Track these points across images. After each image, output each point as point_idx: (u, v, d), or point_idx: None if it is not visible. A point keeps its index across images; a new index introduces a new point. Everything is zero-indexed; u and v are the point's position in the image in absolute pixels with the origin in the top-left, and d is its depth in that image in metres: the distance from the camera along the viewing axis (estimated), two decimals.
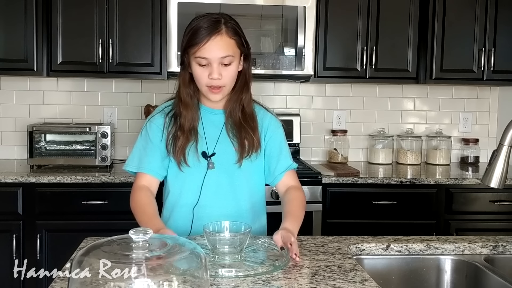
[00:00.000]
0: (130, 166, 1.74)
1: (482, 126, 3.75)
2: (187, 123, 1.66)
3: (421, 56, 3.29)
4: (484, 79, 3.31)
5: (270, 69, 3.06)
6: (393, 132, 3.65)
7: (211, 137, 1.70)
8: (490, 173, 1.42)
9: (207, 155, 1.69)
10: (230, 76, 1.64)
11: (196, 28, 1.60)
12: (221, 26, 1.60)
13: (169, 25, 2.99)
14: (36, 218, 2.82)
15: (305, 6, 3.04)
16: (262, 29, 3.11)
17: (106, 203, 2.83)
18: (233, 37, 1.62)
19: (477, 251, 1.67)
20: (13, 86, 3.40)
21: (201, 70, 1.61)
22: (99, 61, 3.07)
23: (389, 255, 1.64)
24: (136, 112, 3.46)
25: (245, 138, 1.68)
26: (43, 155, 3.08)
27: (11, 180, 2.78)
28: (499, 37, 3.28)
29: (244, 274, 1.32)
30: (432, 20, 3.26)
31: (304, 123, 3.57)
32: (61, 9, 3.03)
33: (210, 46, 1.58)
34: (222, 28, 1.59)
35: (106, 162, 3.06)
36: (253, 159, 1.72)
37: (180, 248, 1.01)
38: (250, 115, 1.71)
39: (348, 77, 3.30)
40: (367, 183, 2.97)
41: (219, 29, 1.59)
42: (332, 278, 1.33)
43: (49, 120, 3.40)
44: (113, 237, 1.03)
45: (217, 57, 1.59)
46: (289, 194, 1.76)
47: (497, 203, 3.03)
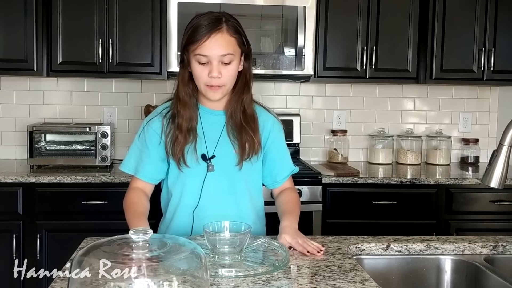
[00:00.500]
0: (127, 168, 1.74)
1: (482, 126, 3.75)
2: (185, 123, 1.64)
3: (421, 56, 3.29)
4: (484, 79, 3.31)
5: (270, 69, 3.06)
6: (393, 132, 3.65)
7: (211, 138, 1.68)
8: (490, 173, 1.42)
9: (206, 158, 1.67)
10: (230, 75, 1.61)
11: (196, 26, 1.58)
12: (222, 24, 1.58)
13: (169, 25, 2.99)
14: (36, 218, 2.82)
15: (305, 6, 3.04)
16: (262, 29, 3.11)
17: (106, 203, 2.83)
18: (234, 35, 1.60)
19: (477, 251, 1.67)
20: (13, 86, 3.40)
21: (201, 68, 1.59)
22: (99, 61, 3.07)
23: (389, 255, 1.64)
24: (136, 112, 3.46)
25: (245, 140, 1.66)
26: (43, 155, 3.08)
27: (11, 180, 2.78)
28: (499, 37, 3.28)
29: (244, 274, 1.32)
30: (432, 20, 3.26)
31: (304, 123, 3.57)
32: (61, 9, 3.03)
33: (210, 43, 1.56)
34: (223, 26, 1.58)
35: (106, 162, 3.06)
36: (253, 162, 1.70)
37: (180, 248, 1.01)
38: (251, 116, 1.69)
39: (348, 77, 3.30)
40: (367, 183, 2.97)
41: (220, 26, 1.57)
42: (332, 278, 1.33)
43: (49, 120, 3.40)
44: (113, 237, 1.03)
45: (217, 55, 1.57)
46: (285, 195, 1.78)
47: (497, 203, 3.03)
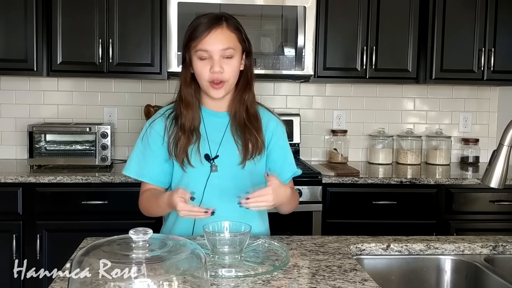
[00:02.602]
0: (129, 171, 1.73)
1: (482, 126, 3.75)
2: (187, 123, 1.64)
3: (421, 56, 3.29)
4: (484, 79, 3.31)
5: (270, 69, 3.06)
6: (393, 132, 3.65)
7: (213, 140, 1.68)
8: (490, 173, 1.42)
9: (210, 158, 1.66)
10: (231, 70, 1.62)
11: (197, 24, 1.61)
12: (222, 21, 1.60)
13: (169, 25, 2.99)
14: (36, 218, 2.82)
15: (305, 6, 3.04)
16: (262, 29, 3.12)
17: (106, 203, 2.83)
18: (234, 31, 1.62)
19: (477, 251, 1.67)
20: (13, 86, 3.40)
21: (202, 64, 1.60)
22: (99, 61, 3.07)
23: (389, 255, 1.64)
24: (136, 112, 3.46)
25: (249, 139, 1.66)
26: (43, 155, 3.08)
27: (11, 180, 2.78)
28: (499, 37, 3.28)
29: (244, 274, 1.32)
30: (432, 20, 3.26)
31: (304, 123, 3.57)
32: (61, 9, 3.03)
33: (210, 38, 1.58)
34: (223, 22, 1.60)
35: (106, 162, 3.06)
36: (257, 162, 1.69)
37: (180, 248, 1.01)
38: (254, 116, 1.69)
39: (348, 77, 3.30)
40: (367, 183, 2.97)
41: (220, 23, 1.60)
42: (332, 278, 1.33)
43: (49, 120, 3.40)
44: (113, 237, 1.03)
45: (218, 49, 1.58)
46: None
47: (497, 203, 3.03)
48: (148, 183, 1.71)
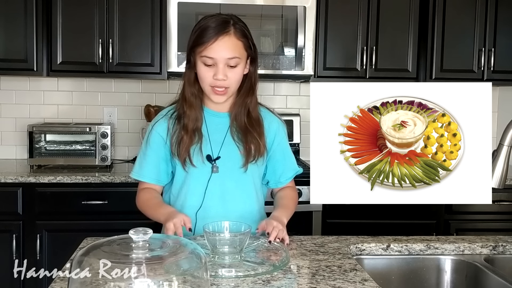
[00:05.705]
0: (133, 173, 1.75)
1: None
2: (190, 123, 1.63)
3: (421, 56, 3.29)
4: (484, 79, 3.31)
5: (270, 69, 3.06)
6: None
7: (215, 140, 1.68)
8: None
9: (211, 159, 1.66)
10: (235, 78, 1.61)
11: (204, 27, 1.58)
12: (230, 27, 1.57)
13: (169, 25, 2.98)
14: (36, 218, 2.82)
15: (305, 6, 3.04)
16: (262, 29, 3.11)
17: (106, 203, 2.83)
18: (241, 38, 1.59)
19: (477, 251, 1.67)
20: (13, 86, 3.40)
21: (206, 69, 1.59)
22: (99, 61, 3.07)
23: (389, 255, 1.64)
24: (136, 112, 3.45)
25: (251, 142, 1.66)
26: (43, 155, 3.08)
27: (11, 180, 2.78)
28: (499, 37, 3.28)
29: (244, 274, 1.32)
30: (432, 20, 3.26)
31: (304, 123, 3.57)
32: (61, 9, 3.03)
33: (217, 46, 1.56)
34: (231, 29, 1.57)
35: (106, 162, 3.06)
36: (259, 164, 1.70)
37: (180, 248, 1.01)
38: (256, 120, 1.69)
39: (348, 77, 3.29)
40: None
41: (228, 29, 1.57)
42: (332, 278, 1.33)
43: (49, 120, 3.40)
44: (113, 237, 1.03)
45: (223, 58, 1.56)
46: (283, 191, 1.80)
47: (497, 203, 3.03)
48: (146, 181, 1.72)
